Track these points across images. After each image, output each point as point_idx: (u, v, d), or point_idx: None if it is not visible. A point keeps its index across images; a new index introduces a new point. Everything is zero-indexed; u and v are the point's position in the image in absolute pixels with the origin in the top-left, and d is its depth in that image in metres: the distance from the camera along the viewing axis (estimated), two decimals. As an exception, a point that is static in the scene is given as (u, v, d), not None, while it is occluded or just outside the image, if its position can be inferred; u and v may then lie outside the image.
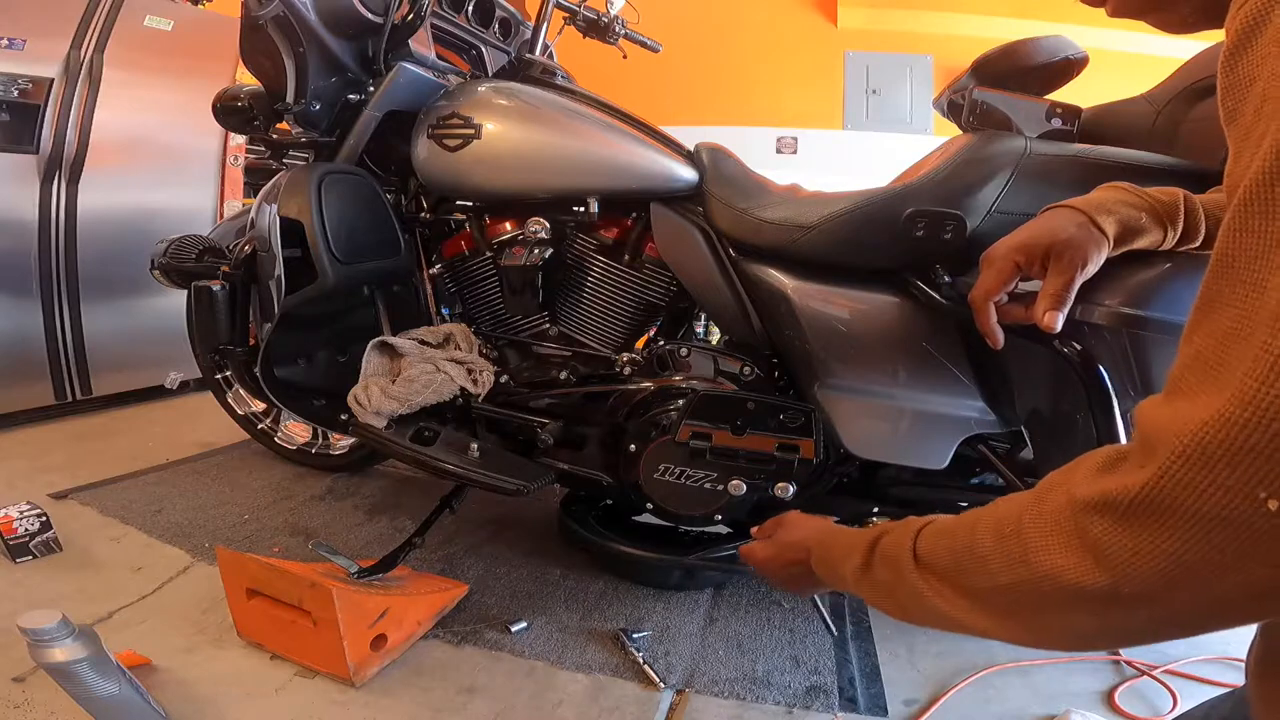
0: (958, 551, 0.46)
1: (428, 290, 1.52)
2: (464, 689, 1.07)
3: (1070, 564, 0.36)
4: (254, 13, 1.23)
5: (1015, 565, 0.40)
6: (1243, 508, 0.29)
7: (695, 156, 1.28)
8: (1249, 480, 0.28)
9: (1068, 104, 1.16)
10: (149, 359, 2.43)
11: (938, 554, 0.48)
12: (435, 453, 1.25)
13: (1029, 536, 0.39)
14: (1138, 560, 0.33)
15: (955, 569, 0.46)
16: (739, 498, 1.15)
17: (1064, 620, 0.38)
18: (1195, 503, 0.30)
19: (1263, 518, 0.28)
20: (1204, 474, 0.30)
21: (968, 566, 0.44)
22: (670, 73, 3.44)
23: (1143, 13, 0.49)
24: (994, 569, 0.42)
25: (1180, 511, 0.31)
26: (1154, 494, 0.32)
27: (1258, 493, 0.28)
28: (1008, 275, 0.77)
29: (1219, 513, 0.29)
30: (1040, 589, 0.38)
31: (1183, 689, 1.13)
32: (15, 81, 1.97)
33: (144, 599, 1.24)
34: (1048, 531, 0.38)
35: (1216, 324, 0.31)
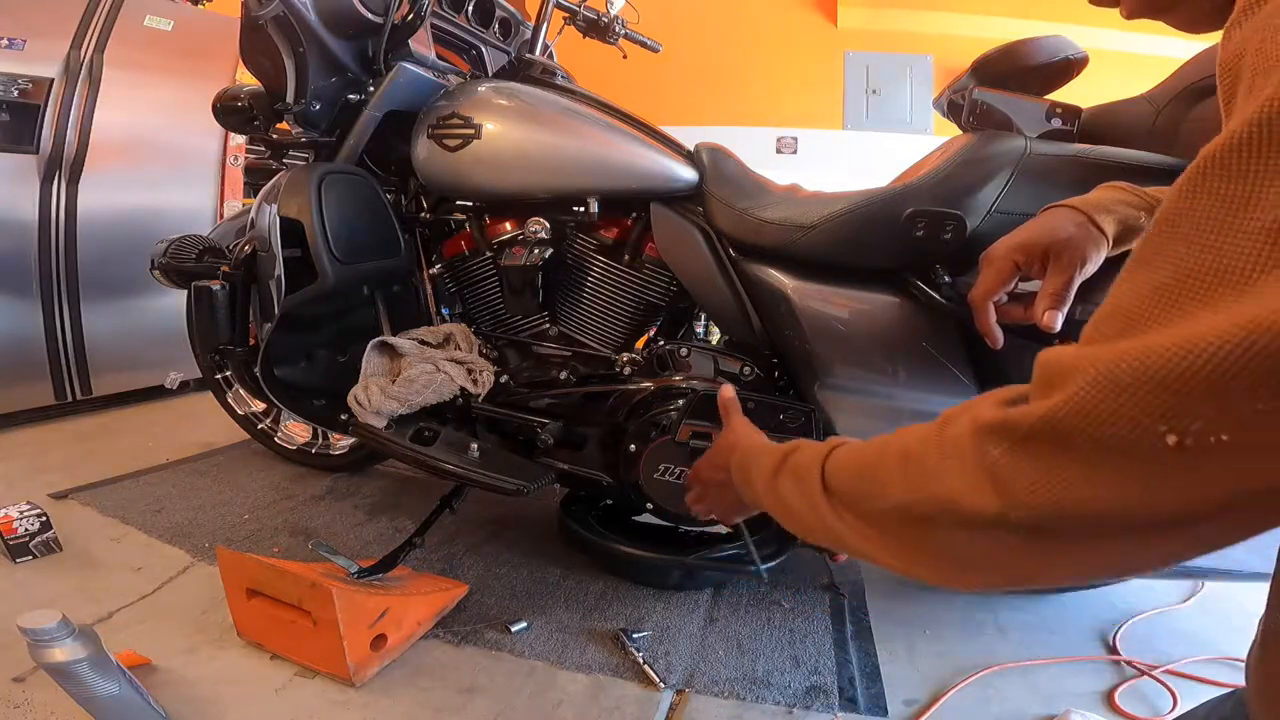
0: (861, 472, 0.47)
1: (428, 290, 1.52)
2: (464, 689, 1.07)
3: (964, 487, 0.37)
4: (254, 13, 1.23)
5: (912, 487, 0.41)
6: (1141, 440, 0.29)
7: (695, 156, 1.29)
8: (1151, 413, 0.28)
9: (1068, 104, 1.16)
10: (149, 359, 2.43)
11: (842, 473, 0.49)
12: (435, 453, 1.25)
13: (929, 460, 0.40)
14: (1031, 487, 0.33)
15: (856, 490, 0.47)
16: None
17: (953, 545, 0.39)
18: (1094, 431, 0.30)
19: (1159, 452, 0.28)
20: (1107, 403, 0.30)
21: (868, 488, 0.45)
22: (670, 73, 3.45)
23: (1158, 12, 0.49)
24: (891, 491, 0.42)
25: (1078, 440, 0.31)
26: (1055, 421, 0.32)
27: (1158, 426, 0.28)
28: (1007, 275, 0.77)
29: (1116, 444, 0.30)
30: (932, 512, 0.39)
31: (1183, 689, 1.13)
32: (15, 81, 1.97)
33: (144, 599, 1.24)
34: (947, 455, 0.39)
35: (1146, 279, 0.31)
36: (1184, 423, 0.27)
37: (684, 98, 4.29)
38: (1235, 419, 0.26)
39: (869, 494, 0.45)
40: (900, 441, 0.44)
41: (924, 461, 0.40)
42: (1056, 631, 1.29)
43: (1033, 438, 0.33)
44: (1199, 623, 1.34)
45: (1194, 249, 0.29)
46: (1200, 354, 0.26)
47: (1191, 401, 0.27)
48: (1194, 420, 0.27)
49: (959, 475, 0.37)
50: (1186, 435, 0.27)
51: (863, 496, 0.46)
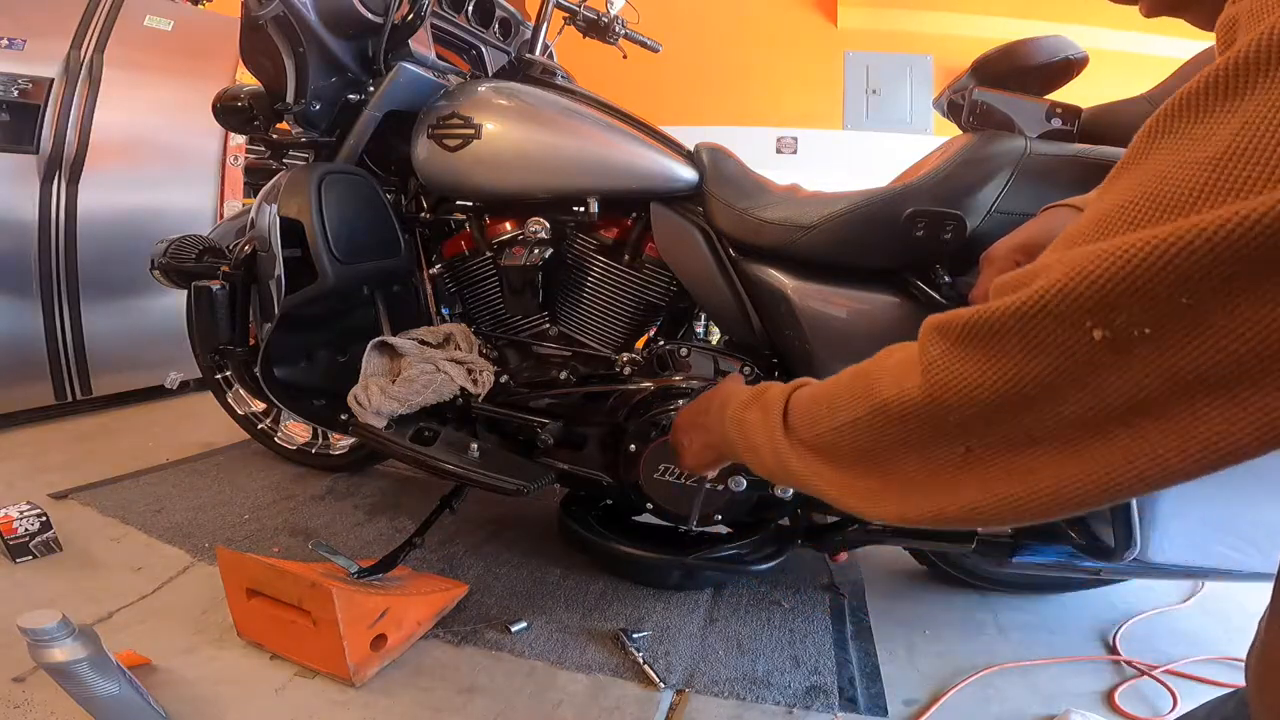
0: (817, 396, 0.48)
1: (428, 290, 1.52)
2: (464, 689, 1.07)
3: (897, 386, 0.38)
4: (254, 13, 1.23)
5: (858, 399, 0.42)
6: (1070, 337, 0.30)
7: (695, 156, 1.28)
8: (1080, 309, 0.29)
9: (1068, 104, 1.16)
10: (149, 359, 2.43)
11: (802, 401, 0.50)
12: (435, 453, 1.25)
13: (874, 372, 0.41)
14: (960, 381, 0.34)
15: (810, 413, 0.48)
16: (739, 495, 1.15)
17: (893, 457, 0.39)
18: (1025, 328, 0.31)
19: (1087, 347, 0.29)
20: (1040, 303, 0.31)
21: (821, 410, 0.46)
22: (670, 73, 3.45)
23: (1177, 9, 0.49)
24: (839, 408, 0.43)
25: (1008, 335, 0.32)
26: (991, 318, 0.33)
27: (1085, 322, 0.29)
28: None
29: (1046, 340, 0.31)
30: (869, 418, 0.40)
31: (1183, 689, 1.13)
32: (15, 81, 1.97)
33: (144, 599, 1.24)
34: (891, 364, 0.40)
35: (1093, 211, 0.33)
36: (1111, 317, 0.29)
37: (684, 98, 4.30)
38: (1159, 314, 0.28)
39: (821, 415, 0.46)
40: (858, 365, 0.45)
41: (869, 373, 0.41)
42: (1056, 631, 1.29)
43: (968, 335, 0.34)
44: (1199, 623, 1.34)
45: (1148, 178, 0.31)
46: (1130, 256, 0.28)
47: (1119, 299, 0.28)
48: (1120, 315, 0.28)
49: (895, 375, 0.38)
50: (1112, 329, 0.29)
51: (815, 419, 0.47)
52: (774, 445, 0.51)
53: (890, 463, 0.40)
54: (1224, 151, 0.27)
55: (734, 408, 0.60)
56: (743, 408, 0.58)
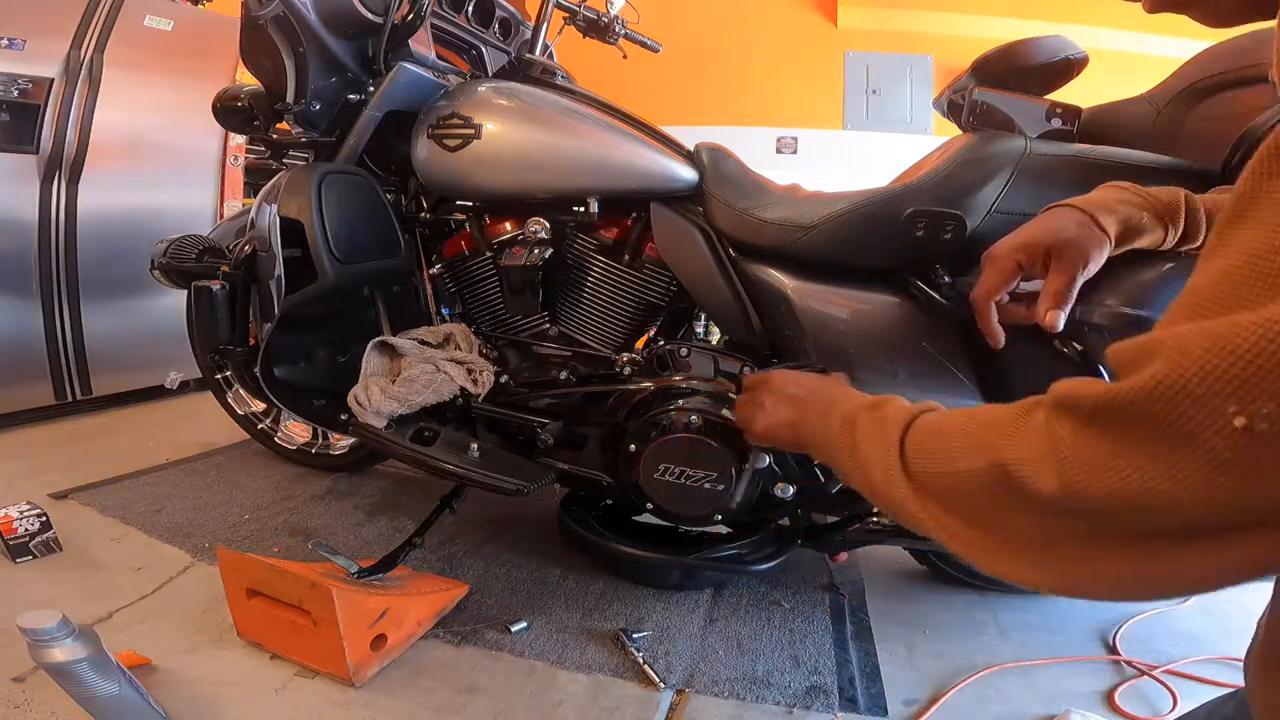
0: (939, 431, 0.46)
1: (428, 290, 1.52)
2: (464, 689, 1.07)
3: (1028, 457, 0.36)
4: (254, 13, 1.23)
5: (983, 450, 0.40)
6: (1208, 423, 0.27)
7: (695, 156, 1.28)
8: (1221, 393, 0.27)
9: (1068, 104, 1.16)
10: (149, 359, 2.43)
11: (923, 434, 0.48)
12: (435, 453, 1.25)
13: (1005, 426, 0.39)
14: (1091, 469, 0.32)
15: (926, 448, 0.46)
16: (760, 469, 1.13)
17: (1007, 517, 0.38)
18: (1161, 412, 0.29)
19: (1225, 436, 0.27)
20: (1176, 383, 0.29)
21: (940, 447, 0.44)
22: (670, 73, 3.45)
23: (1183, 6, 0.48)
24: (962, 452, 0.42)
25: (1143, 422, 0.30)
26: (1122, 401, 0.31)
27: (1227, 407, 0.27)
28: (1009, 274, 0.77)
29: (1182, 427, 0.28)
30: (992, 479, 0.38)
31: (1183, 689, 1.13)
32: (15, 81, 1.97)
33: (144, 599, 1.24)
34: (1023, 429, 0.38)
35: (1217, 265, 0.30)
36: (1255, 405, 0.26)
37: (684, 98, 4.30)
38: None
39: (940, 454, 0.44)
40: (987, 410, 0.43)
41: (1000, 427, 0.39)
42: (1056, 631, 1.29)
43: (1099, 417, 0.32)
44: (1199, 623, 1.34)
45: (1264, 230, 0.28)
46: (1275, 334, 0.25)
47: (1264, 382, 0.26)
48: (1266, 403, 0.26)
49: (1027, 446, 0.36)
50: (1256, 418, 0.26)
51: (934, 456, 0.45)
52: (887, 469, 0.48)
53: (1007, 522, 0.38)
54: None
55: (848, 408, 0.58)
56: (860, 412, 0.56)
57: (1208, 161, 0.92)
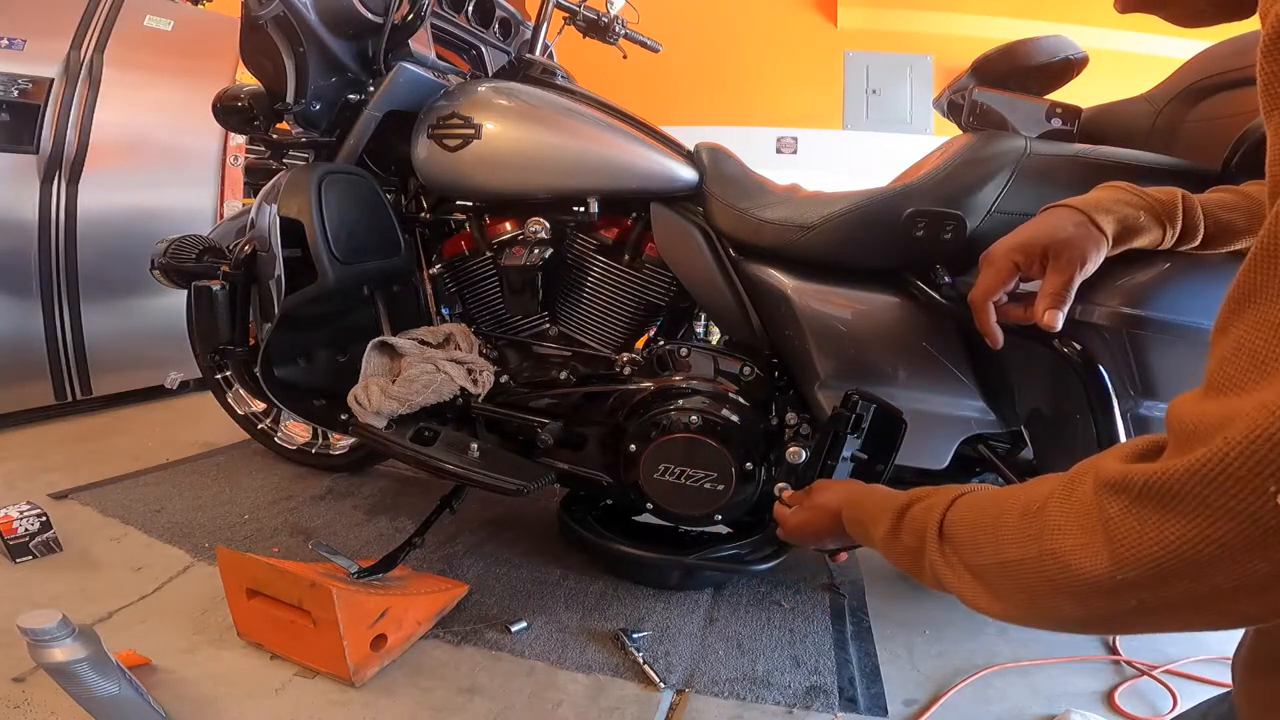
0: (980, 525, 0.45)
1: (428, 290, 1.52)
2: (464, 689, 1.07)
3: (1079, 544, 0.36)
4: (254, 13, 1.23)
5: (1027, 541, 0.39)
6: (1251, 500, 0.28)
7: (695, 156, 1.29)
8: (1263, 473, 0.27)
9: (1068, 104, 1.16)
10: (149, 359, 2.44)
11: (961, 526, 0.48)
12: (435, 453, 1.25)
13: (1050, 515, 0.39)
14: (1139, 543, 0.32)
15: (971, 542, 0.45)
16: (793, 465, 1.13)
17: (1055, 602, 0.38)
18: (1205, 491, 0.30)
19: (1271, 512, 0.27)
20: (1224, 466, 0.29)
21: (982, 540, 0.44)
22: (670, 73, 3.44)
23: (1154, 6, 0.48)
24: (1005, 543, 0.41)
25: (1190, 498, 0.30)
26: (1170, 479, 0.31)
27: (1269, 486, 0.27)
28: (1007, 275, 0.77)
29: (1225, 503, 0.29)
30: (1042, 567, 0.38)
31: (1183, 689, 1.13)
32: (15, 81, 1.97)
33: (144, 599, 1.24)
34: (1069, 513, 0.37)
35: (1264, 316, 0.30)
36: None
37: (684, 98, 4.29)
38: None
39: (985, 544, 0.44)
40: (1025, 495, 0.42)
41: (1045, 515, 0.39)
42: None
43: (1147, 494, 0.32)
44: (1199, 623, 1.34)
45: None
46: None
47: None
48: None
49: (1076, 533, 0.36)
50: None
51: (979, 547, 0.44)
52: (931, 565, 0.49)
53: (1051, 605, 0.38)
54: None
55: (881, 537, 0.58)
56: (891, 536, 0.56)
57: (1207, 161, 0.92)
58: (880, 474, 0.95)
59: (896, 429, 0.94)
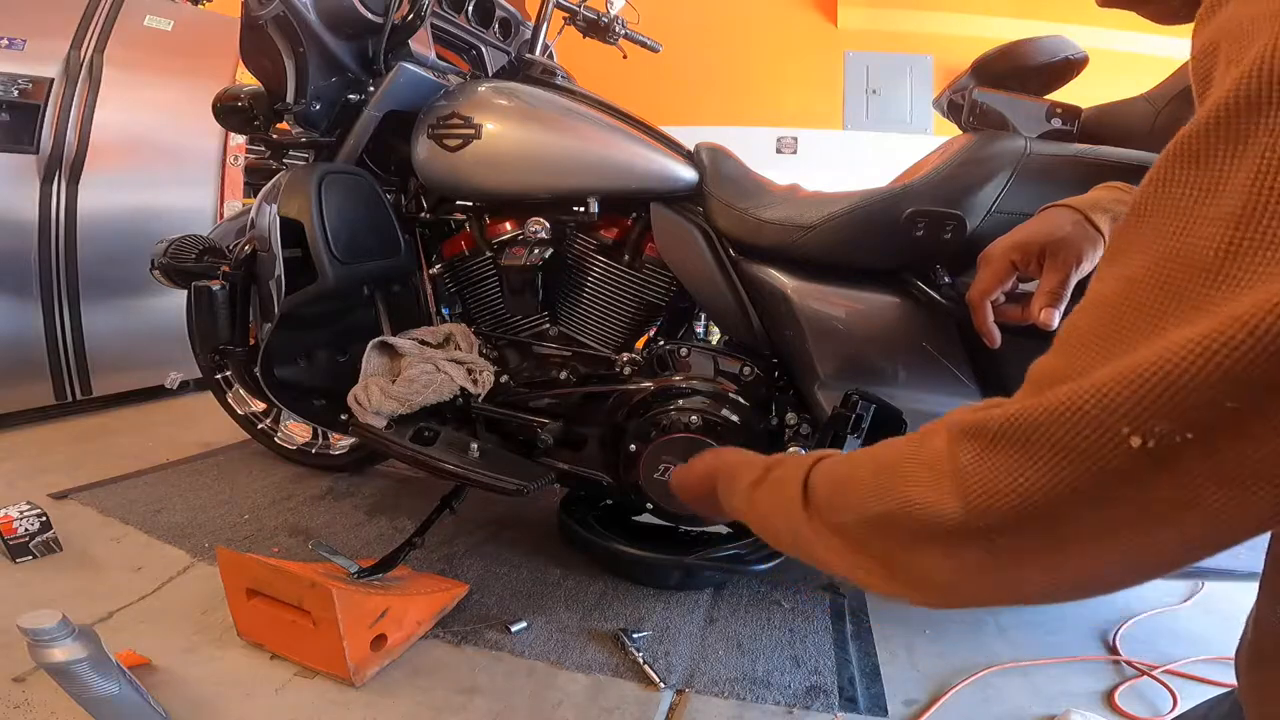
0: (838, 482, 0.46)
1: (428, 290, 1.52)
2: (464, 689, 1.07)
3: (931, 494, 0.36)
4: (254, 13, 1.23)
5: (883, 496, 0.40)
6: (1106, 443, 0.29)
7: (695, 156, 1.29)
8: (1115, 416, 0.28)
9: (1068, 104, 1.16)
10: (149, 359, 2.44)
11: (820, 484, 0.48)
12: (435, 453, 1.25)
13: (902, 467, 0.39)
14: (993, 487, 0.33)
15: (829, 501, 0.46)
16: None
17: (921, 563, 0.38)
18: (1059, 432, 0.30)
19: (1123, 454, 0.28)
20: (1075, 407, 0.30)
21: (841, 499, 0.44)
22: (670, 73, 3.44)
23: (1133, 4, 0.48)
24: (864, 500, 0.41)
25: (1043, 440, 0.31)
26: (1023, 421, 0.32)
27: (1121, 429, 0.28)
28: (1004, 274, 0.77)
29: (1080, 445, 0.29)
30: (899, 521, 0.38)
31: (1183, 689, 1.13)
32: (15, 81, 1.97)
33: (144, 599, 1.24)
34: (920, 463, 0.38)
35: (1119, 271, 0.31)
36: (1149, 425, 0.27)
37: (684, 98, 4.29)
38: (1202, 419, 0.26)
39: (843, 504, 0.44)
40: (880, 451, 0.43)
41: (897, 468, 0.39)
42: (1056, 631, 1.29)
43: (1001, 438, 0.33)
44: (1199, 623, 1.34)
45: (1163, 237, 0.29)
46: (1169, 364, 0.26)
47: (1157, 407, 0.27)
48: (1159, 423, 0.27)
49: (928, 482, 0.37)
50: (1150, 437, 0.27)
51: (837, 507, 0.45)
52: (793, 526, 0.49)
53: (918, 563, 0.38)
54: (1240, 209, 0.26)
55: (743, 490, 0.58)
56: (753, 488, 0.56)
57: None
58: None
59: (896, 429, 0.95)
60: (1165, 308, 0.28)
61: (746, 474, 0.58)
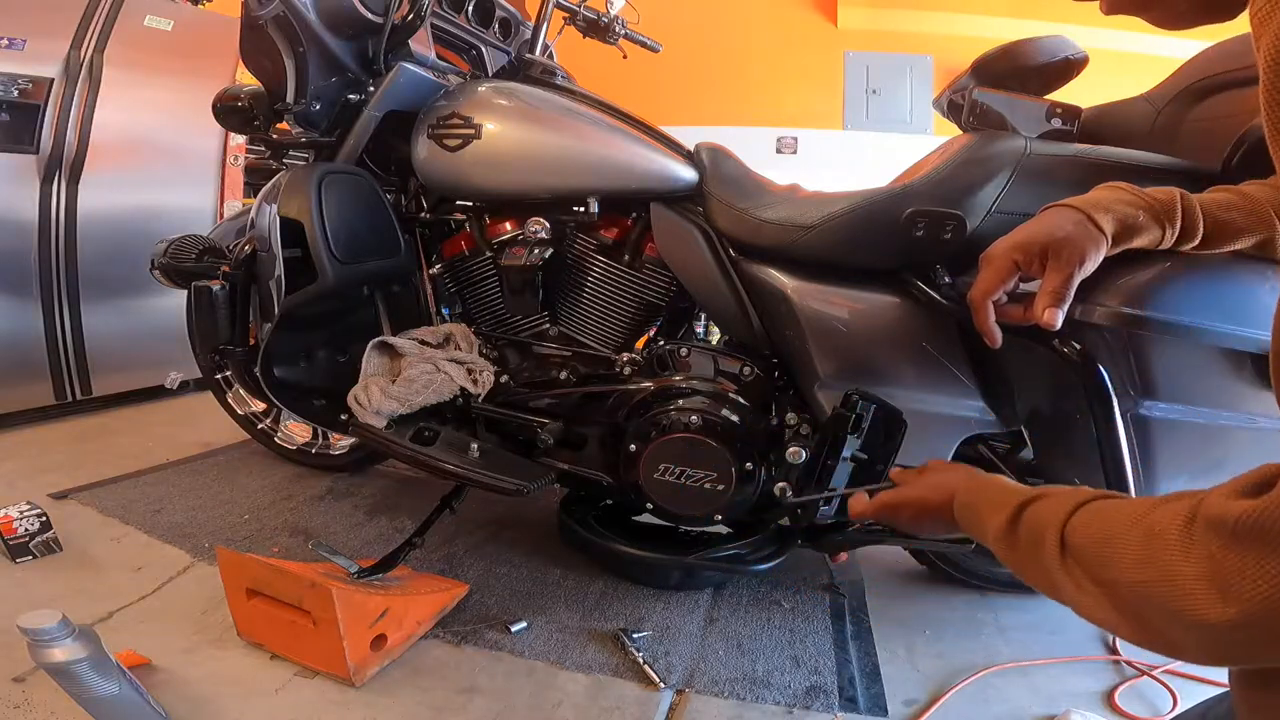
0: (1103, 540, 0.44)
1: (428, 290, 1.52)
2: (464, 689, 1.07)
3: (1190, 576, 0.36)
4: (254, 13, 1.23)
5: (1147, 565, 0.39)
6: None
7: (695, 156, 1.28)
8: None
9: (1068, 104, 1.16)
10: (149, 359, 2.43)
11: (1084, 536, 0.46)
12: (435, 453, 1.25)
13: (1169, 540, 0.38)
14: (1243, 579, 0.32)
15: (1095, 556, 0.45)
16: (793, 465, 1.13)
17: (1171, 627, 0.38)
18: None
19: None
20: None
21: (1108, 555, 0.43)
22: (670, 73, 3.44)
23: (1139, 8, 0.48)
24: (1131, 566, 0.41)
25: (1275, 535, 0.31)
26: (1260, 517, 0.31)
27: None
28: (1006, 274, 0.77)
29: None
30: (1164, 595, 0.38)
31: (1183, 689, 1.13)
32: (15, 81, 1.97)
33: (144, 599, 1.24)
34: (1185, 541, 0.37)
35: None
36: None
37: (684, 98, 4.29)
38: None
39: (1109, 562, 0.43)
40: (1150, 518, 0.42)
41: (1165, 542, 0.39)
42: (1056, 631, 1.29)
43: (1240, 533, 0.33)
44: (1199, 623, 1.34)
45: None
46: None
47: None
48: None
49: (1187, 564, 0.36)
50: None
51: (1101, 564, 0.44)
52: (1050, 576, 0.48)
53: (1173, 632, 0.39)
54: None
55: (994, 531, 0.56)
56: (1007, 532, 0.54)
57: (1207, 161, 0.92)
58: (880, 474, 0.95)
59: (896, 429, 0.95)
60: None
61: (995, 513, 0.56)
